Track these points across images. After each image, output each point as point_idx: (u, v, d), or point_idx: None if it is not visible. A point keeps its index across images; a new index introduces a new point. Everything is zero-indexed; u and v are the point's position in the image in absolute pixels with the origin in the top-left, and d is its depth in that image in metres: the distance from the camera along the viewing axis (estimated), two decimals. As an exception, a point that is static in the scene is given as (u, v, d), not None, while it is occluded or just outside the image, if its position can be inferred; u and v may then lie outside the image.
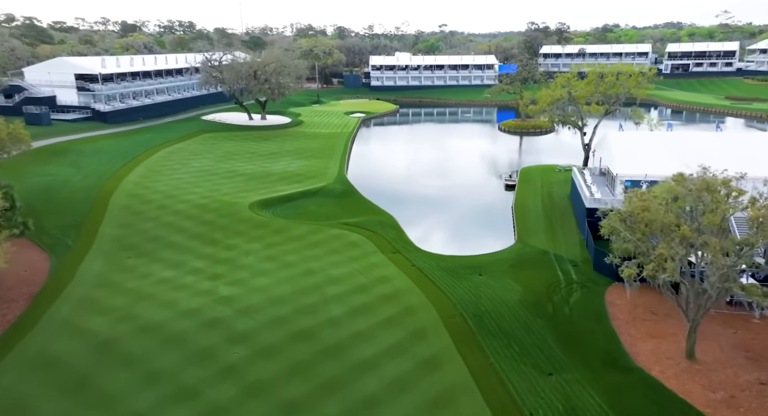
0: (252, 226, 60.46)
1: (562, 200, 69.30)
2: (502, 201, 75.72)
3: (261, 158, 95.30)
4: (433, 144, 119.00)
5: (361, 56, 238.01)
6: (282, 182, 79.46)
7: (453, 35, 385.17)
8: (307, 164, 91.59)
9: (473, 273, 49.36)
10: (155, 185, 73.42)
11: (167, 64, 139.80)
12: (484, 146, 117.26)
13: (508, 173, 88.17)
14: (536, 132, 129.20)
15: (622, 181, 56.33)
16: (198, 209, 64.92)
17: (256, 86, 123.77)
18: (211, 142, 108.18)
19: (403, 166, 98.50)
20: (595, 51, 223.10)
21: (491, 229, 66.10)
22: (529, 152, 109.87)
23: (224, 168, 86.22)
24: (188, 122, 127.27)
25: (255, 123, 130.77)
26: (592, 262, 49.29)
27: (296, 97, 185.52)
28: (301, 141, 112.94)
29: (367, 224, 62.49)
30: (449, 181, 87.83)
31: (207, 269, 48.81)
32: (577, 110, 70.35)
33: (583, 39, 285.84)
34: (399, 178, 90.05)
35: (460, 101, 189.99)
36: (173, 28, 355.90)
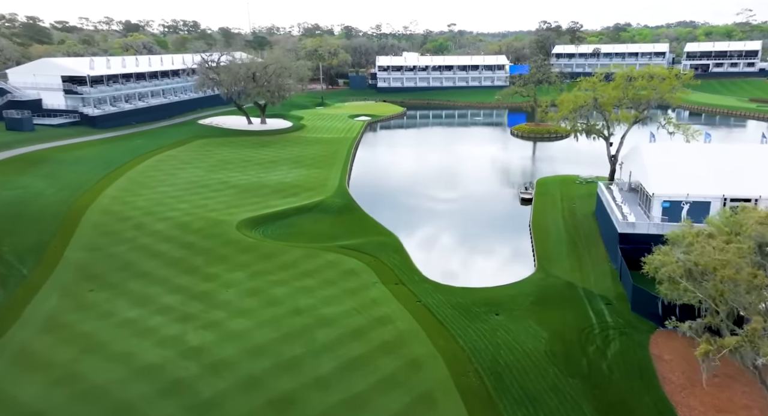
0: (238, 250, 53.56)
1: (586, 219, 61.96)
2: (518, 217, 68.53)
3: (256, 167, 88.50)
4: (441, 150, 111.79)
5: (367, 56, 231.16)
6: (277, 196, 72.59)
7: (462, 35, 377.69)
8: (305, 173, 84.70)
9: (489, 312, 42.23)
10: (135, 200, 66.68)
11: (162, 65, 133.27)
12: (495, 153, 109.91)
13: (524, 185, 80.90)
14: (551, 137, 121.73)
15: (660, 201, 48.97)
16: (179, 229, 58.11)
17: (255, 89, 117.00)
18: (205, 149, 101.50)
19: (409, 175, 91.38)
20: (609, 51, 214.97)
21: (507, 252, 58.90)
22: (545, 159, 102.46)
23: (215, 179, 79.42)
24: (183, 127, 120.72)
25: (254, 128, 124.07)
26: (630, 301, 41.96)
27: (299, 99, 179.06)
28: (302, 147, 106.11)
29: (368, 246, 55.50)
30: (459, 193, 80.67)
31: (179, 307, 41.91)
32: (603, 117, 62.90)
33: (596, 38, 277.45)
34: (404, 189, 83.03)
35: (469, 103, 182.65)
36: (177, 27, 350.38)
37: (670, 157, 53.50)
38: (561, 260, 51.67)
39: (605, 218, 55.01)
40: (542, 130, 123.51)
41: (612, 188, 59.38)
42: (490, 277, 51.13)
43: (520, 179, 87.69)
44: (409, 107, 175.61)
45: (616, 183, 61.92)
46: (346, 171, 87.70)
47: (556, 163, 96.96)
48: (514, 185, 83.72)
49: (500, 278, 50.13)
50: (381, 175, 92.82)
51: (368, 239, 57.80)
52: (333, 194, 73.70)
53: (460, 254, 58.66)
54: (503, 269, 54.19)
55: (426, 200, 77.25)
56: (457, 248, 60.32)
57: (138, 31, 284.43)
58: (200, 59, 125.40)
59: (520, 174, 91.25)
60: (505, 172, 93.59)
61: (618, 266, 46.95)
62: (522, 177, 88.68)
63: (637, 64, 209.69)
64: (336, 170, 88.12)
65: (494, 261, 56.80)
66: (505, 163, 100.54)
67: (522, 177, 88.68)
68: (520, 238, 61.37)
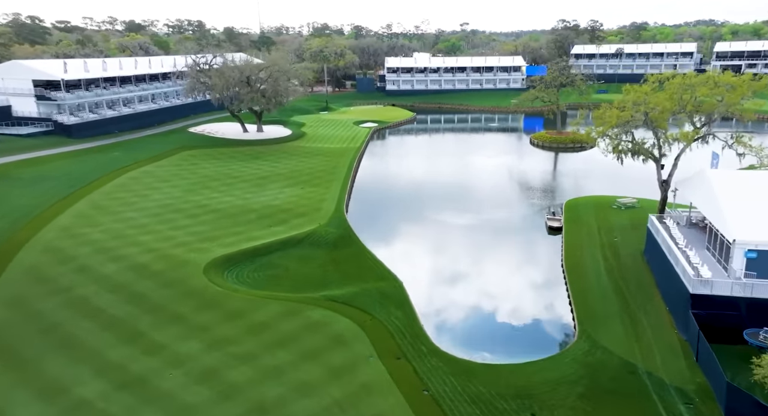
0: (199, 305, 42.56)
1: (633, 260, 50.36)
2: (547, 252, 57.13)
3: (244, 185, 77.66)
4: (453, 162, 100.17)
5: (376, 57, 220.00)
6: (261, 223, 61.65)
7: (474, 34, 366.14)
8: (299, 194, 73.73)
9: (521, 410, 30.95)
10: (89, 232, 55.95)
11: (151, 68, 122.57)
12: (514, 166, 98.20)
13: (550, 209, 69.35)
14: (574, 147, 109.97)
15: (743, 250, 37.36)
16: (134, 273, 47.29)
17: (249, 95, 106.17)
18: (191, 162, 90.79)
19: (417, 194, 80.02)
20: (633, 51, 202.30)
21: (538, 305, 47.40)
22: (570, 174, 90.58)
23: (193, 202, 68.61)
24: (171, 136, 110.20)
25: (249, 136, 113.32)
26: (723, 405, 30.14)
27: (302, 103, 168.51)
28: (299, 160, 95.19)
29: (365, 298, 44.40)
30: (474, 218, 69.31)
31: (97, 403, 30.95)
32: (655, 135, 51.24)
33: (616, 38, 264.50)
34: (411, 212, 71.84)
35: (483, 108, 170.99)
36: (182, 27, 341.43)
37: (750, 188, 41.80)
38: (609, 323, 40.18)
39: (663, 265, 43.47)
40: (564, 139, 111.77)
41: (668, 224, 47.76)
42: (518, 344, 39.93)
43: (544, 199, 76.20)
44: (419, 112, 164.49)
45: (669, 215, 50.27)
46: (346, 190, 76.60)
47: (584, 179, 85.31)
48: (538, 208, 72.23)
49: (532, 346, 38.88)
50: (385, 193, 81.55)
51: (365, 287, 46.70)
52: (327, 221, 62.58)
53: (478, 309, 47.27)
54: (535, 331, 42.86)
55: (436, 227, 66.00)
56: (474, 298, 48.88)
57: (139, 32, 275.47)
58: (191, 62, 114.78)
59: (545, 193, 79.65)
60: (527, 190, 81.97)
61: (692, 340, 35.39)
62: (547, 197, 77.17)
63: (662, 65, 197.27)
64: (334, 188, 77.11)
65: (522, 318, 45.33)
66: (526, 179, 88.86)
67: (547, 197, 77.17)
68: (552, 284, 49.95)
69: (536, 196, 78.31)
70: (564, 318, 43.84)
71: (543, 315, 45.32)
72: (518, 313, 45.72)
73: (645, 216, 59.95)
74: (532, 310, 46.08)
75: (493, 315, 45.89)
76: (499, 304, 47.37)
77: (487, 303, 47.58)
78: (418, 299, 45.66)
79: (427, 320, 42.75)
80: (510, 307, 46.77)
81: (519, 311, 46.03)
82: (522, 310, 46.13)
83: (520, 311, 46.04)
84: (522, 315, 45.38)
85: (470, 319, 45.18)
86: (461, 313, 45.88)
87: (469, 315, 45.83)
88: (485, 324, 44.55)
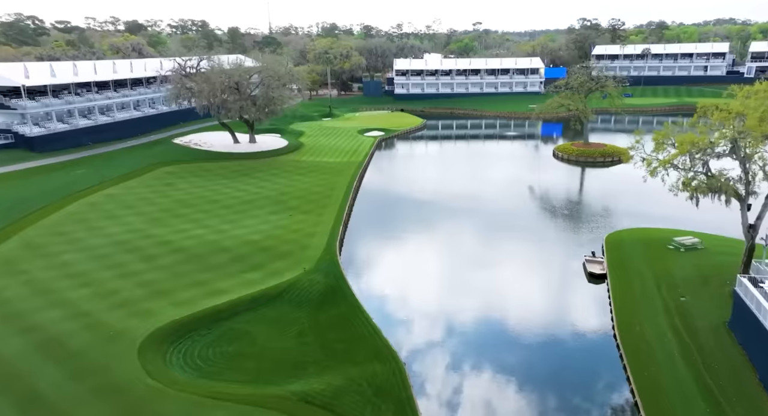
0: (114, 415, 30.41)
1: (716, 337, 37.47)
2: (591, 315, 44.54)
3: (223, 213, 65.76)
4: (467, 182, 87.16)
5: (384, 59, 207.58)
6: (232, 268, 49.63)
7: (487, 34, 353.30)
8: (285, 224, 61.75)
9: None
10: (5, 286, 44.07)
11: (133, 71, 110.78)
12: (537, 184, 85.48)
13: (589, 249, 56.60)
14: (604, 162, 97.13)
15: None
16: (42, 354, 35.32)
17: (238, 103, 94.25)
18: (166, 182, 79.04)
19: (425, 223, 67.64)
20: (659, 51, 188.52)
21: (591, 401, 34.64)
22: (607, 197, 77.44)
23: (155, 237, 56.68)
24: (152, 148, 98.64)
25: (239, 148, 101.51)
26: None
27: (304, 108, 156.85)
28: (292, 178, 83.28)
29: (350, 397, 32.17)
30: (493, 257, 56.90)
31: None
32: (743, 166, 38.47)
33: (638, 37, 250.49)
34: (417, 248, 59.63)
35: (499, 113, 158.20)
36: (186, 27, 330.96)
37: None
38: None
39: (763, 345, 30.84)
40: (593, 152, 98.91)
41: (766, 288, 34.99)
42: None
43: (578, 231, 63.54)
44: (429, 117, 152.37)
45: (763, 276, 37.44)
46: (342, 219, 64.41)
47: (624, 203, 72.47)
48: (572, 244, 59.55)
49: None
50: (387, 222, 69.07)
51: (354, 374, 34.42)
52: (314, 265, 50.42)
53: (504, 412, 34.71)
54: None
55: (446, 272, 53.60)
56: (499, 393, 36.33)
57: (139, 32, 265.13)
58: (176, 65, 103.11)
59: (577, 222, 66.93)
60: (556, 218, 69.29)
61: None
62: (581, 228, 64.47)
63: (691, 66, 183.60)
64: (328, 216, 65.00)
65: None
66: (553, 202, 76.11)
67: (581, 228, 64.47)
68: (604, 370, 37.26)
69: (568, 226, 65.60)
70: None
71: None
72: (563, 411, 33.15)
73: (716, 264, 47.42)
74: (584, 410, 33.46)
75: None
76: (537, 396, 34.77)
77: (519, 403, 34.99)
78: (426, 393, 33.36)
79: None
80: (554, 402, 34.18)
81: (566, 410, 33.42)
82: (568, 404, 33.53)
83: (567, 408, 33.42)
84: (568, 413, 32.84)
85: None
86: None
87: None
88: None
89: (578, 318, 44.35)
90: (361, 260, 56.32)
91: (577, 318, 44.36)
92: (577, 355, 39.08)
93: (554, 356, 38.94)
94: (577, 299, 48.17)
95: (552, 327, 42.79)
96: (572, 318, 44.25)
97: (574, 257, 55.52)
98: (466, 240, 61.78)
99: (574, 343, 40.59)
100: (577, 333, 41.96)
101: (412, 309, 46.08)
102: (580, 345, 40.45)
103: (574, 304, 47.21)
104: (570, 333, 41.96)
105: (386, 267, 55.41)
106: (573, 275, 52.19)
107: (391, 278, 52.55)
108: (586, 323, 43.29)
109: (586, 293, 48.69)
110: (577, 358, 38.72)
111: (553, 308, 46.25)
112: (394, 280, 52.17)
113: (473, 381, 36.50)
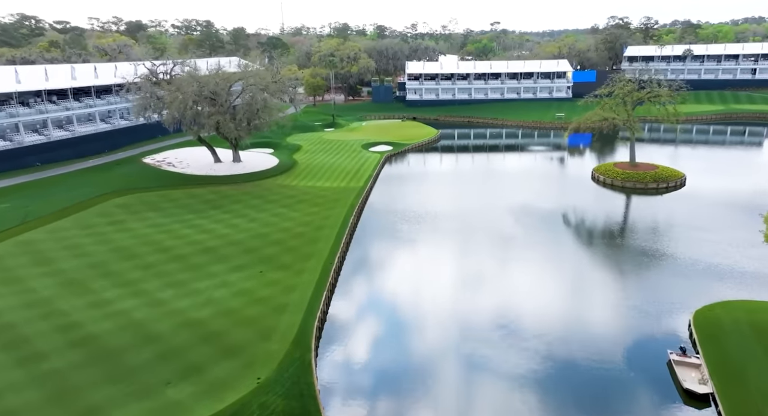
0: None
1: None
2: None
3: (172, 268, 50.00)
4: (488, 219, 70.29)
5: (395, 61, 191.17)
6: (150, 376, 33.74)
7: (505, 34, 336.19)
8: (250, 287, 45.96)
9: None
10: None
11: (98, 77, 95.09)
12: (577, 223, 68.59)
13: (670, 336, 39.83)
14: (657, 188, 79.95)
15: None
16: None
17: (213, 118, 78.43)
18: (113, 219, 63.37)
19: (440, 292, 51.20)
20: (701, 52, 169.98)
21: None
22: (676, 243, 59.35)
23: (58, 317, 40.83)
24: (111, 170, 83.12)
25: (219, 169, 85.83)
26: None
27: (305, 117, 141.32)
28: (275, 211, 67.53)
29: None
30: (530, 349, 40.14)
31: None
32: None
33: (670, 37, 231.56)
34: (422, 331, 43.05)
35: (522, 123, 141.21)
36: (190, 27, 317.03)
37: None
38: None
39: None
40: (643, 176, 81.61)
41: None
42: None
43: (646, 301, 46.37)
44: (444, 127, 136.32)
45: None
46: (328, 276, 48.35)
47: (703, 253, 55.07)
48: (641, 323, 42.59)
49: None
50: (388, 283, 52.66)
51: None
52: (275, 371, 34.30)
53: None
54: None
55: (466, 377, 36.98)
56: None
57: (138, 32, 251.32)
58: (145, 72, 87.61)
59: (644, 286, 49.82)
60: (608, 274, 52.36)
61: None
62: (650, 295, 47.33)
63: (737, 69, 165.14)
64: (310, 273, 49.09)
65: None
66: (602, 250, 59.10)
67: (650, 295, 47.33)
68: None
69: (630, 294, 48.27)
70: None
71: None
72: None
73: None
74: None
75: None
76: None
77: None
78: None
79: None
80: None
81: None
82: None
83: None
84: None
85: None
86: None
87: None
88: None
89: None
90: (349, 358, 39.82)
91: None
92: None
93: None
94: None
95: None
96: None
97: (652, 352, 38.59)
98: (491, 318, 45.01)
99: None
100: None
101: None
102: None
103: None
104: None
105: (387, 374, 38.66)
106: (654, 383, 35.26)
107: (395, 394, 35.95)
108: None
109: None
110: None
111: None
112: (399, 397, 35.56)
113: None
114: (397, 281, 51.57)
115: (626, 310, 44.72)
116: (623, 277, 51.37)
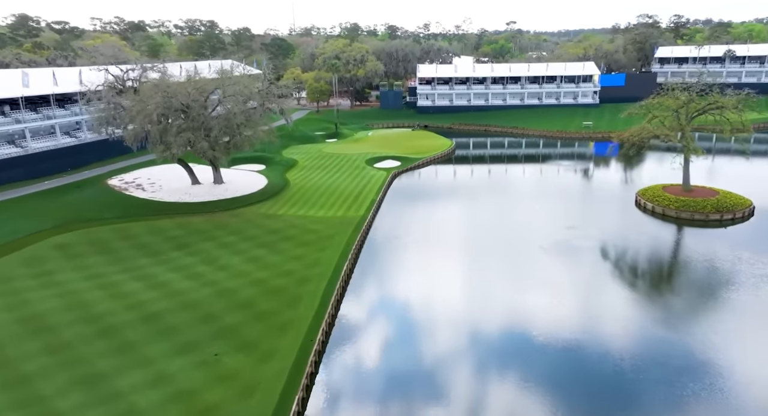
0: None
1: None
2: None
3: (93, 350, 36.79)
4: (509, 259, 56.35)
5: (406, 64, 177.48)
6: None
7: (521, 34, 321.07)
8: (193, 387, 32.48)
9: None
10: None
11: (57, 85, 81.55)
12: (631, 276, 54.53)
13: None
14: (721, 220, 65.69)
15: None
16: None
17: (183, 135, 65.19)
18: (40, 268, 50.21)
19: (456, 379, 37.62)
20: (742, 53, 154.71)
21: None
22: (763, 297, 45.79)
23: None
24: (63, 196, 69.97)
25: (196, 194, 72.81)
26: None
27: (306, 125, 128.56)
28: (252, 252, 54.32)
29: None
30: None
31: None
32: None
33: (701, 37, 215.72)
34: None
35: (545, 132, 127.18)
36: (194, 28, 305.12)
37: None
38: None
39: None
40: (701, 204, 67.31)
41: None
42: None
43: (738, 387, 32.32)
44: (459, 136, 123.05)
45: None
46: (308, 361, 34.97)
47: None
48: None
49: None
50: (385, 375, 38.95)
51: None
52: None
53: None
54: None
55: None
56: None
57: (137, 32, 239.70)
58: (109, 79, 74.68)
59: (728, 364, 35.79)
60: (682, 361, 38.37)
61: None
62: (738, 379, 33.27)
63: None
64: (284, 355, 36.36)
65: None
66: (663, 314, 45.16)
67: (738, 379, 33.27)
68: None
69: (720, 369, 34.27)
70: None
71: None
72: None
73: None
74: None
75: None
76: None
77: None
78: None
79: None
80: None
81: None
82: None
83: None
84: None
85: None
86: None
87: None
88: None
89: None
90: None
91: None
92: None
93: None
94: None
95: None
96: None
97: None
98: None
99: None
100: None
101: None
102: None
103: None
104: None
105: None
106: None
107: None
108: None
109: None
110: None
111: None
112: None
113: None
114: (402, 374, 37.73)
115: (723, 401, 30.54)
116: (697, 343, 37.12)
